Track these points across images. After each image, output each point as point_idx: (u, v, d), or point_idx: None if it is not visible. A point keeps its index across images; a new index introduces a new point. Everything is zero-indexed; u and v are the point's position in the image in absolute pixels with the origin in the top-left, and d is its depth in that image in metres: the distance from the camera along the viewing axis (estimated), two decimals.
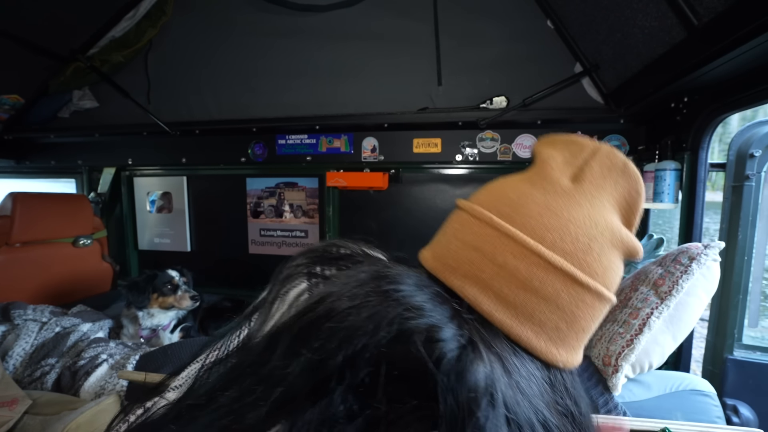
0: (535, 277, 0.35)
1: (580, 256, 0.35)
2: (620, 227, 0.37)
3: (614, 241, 0.36)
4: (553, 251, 0.35)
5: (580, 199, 0.37)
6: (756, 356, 1.20)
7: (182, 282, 1.62)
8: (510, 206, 0.38)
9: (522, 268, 0.35)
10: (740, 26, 0.77)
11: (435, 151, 1.73)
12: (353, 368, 0.31)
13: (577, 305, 0.35)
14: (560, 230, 0.35)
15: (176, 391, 0.42)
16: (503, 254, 0.35)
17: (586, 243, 0.35)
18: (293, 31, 1.67)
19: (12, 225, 1.71)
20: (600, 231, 0.36)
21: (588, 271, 0.35)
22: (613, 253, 0.37)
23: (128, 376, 0.87)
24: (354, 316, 0.33)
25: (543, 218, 0.36)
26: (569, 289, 0.35)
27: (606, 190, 0.38)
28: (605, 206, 0.38)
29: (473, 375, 0.30)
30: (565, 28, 1.42)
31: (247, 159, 1.95)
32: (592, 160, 0.40)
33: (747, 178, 1.18)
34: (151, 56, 1.84)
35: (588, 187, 0.38)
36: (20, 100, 1.85)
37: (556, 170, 0.40)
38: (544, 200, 0.37)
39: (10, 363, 1.29)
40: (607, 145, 0.41)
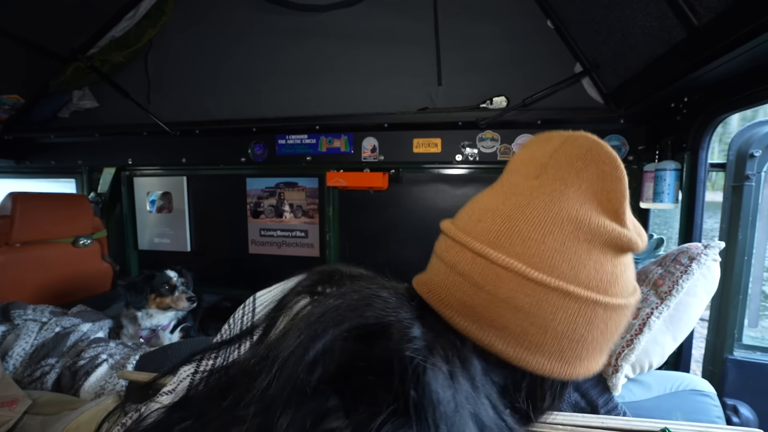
0: (487, 281, 0.34)
1: (534, 253, 0.33)
2: (590, 219, 0.34)
3: (581, 235, 0.34)
4: (502, 252, 0.34)
5: (538, 194, 0.36)
6: (756, 356, 1.20)
7: (180, 283, 1.61)
8: (470, 215, 0.38)
9: (475, 274, 0.35)
10: (740, 26, 0.77)
11: (435, 151, 1.73)
12: (331, 359, 0.31)
13: (540, 305, 0.33)
14: (510, 231, 0.35)
15: (170, 395, 0.42)
16: (461, 263, 0.36)
17: (540, 239, 0.33)
18: (293, 30, 1.67)
19: (12, 225, 1.71)
20: (558, 224, 0.34)
21: (543, 267, 0.33)
22: (581, 248, 0.34)
23: (128, 376, 0.87)
24: (334, 311, 0.34)
25: (495, 224, 0.36)
26: (524, 288, 0.33)
27: (570, 180, 0.36)
28: (569, 197, 0.35)
29: (434, 384, 0.30)
30: (565, 28, 1.42)
31: (247, 159, 1.95)
32: (556, 152, 0.37)
33: (747, 178, 1.18)
34: (151, 56, 1.84)
35: (549, 182, 0.36)
36: (20, 100, 1.85)
37: (518, 173, 0.39)
38: (501, 206, 0.37)
39: (10, 363, 1.29)
40: (576, 133, 0.38)
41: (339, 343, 0.32)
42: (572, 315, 0.33)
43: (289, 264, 2.07)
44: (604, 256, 0.34)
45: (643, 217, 1.60)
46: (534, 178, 0.37)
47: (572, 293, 0.33)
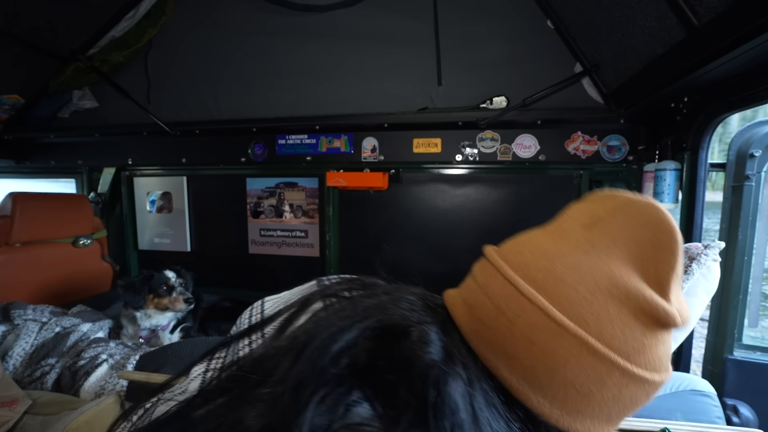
0: (510, 309, 0.35)
1: (563, 296, 0.33)
2: (629, 281, 0.33)
3: (615, 293, 0.33)
4: (532, 285, 0.34)
5: (586, 246, 0.35)
6: (756, 356, 1.20)
7: (178, 283, 1.61)
8: (513, 246, 0.39)
9: (501, 299, 0.36)
10: (740, 26, 0.77)
11: (435, 151, 1.73)
12: (354, 354, 0.32)
13: (555, 348, 0.33)
14: (546, 269, 0.35)
15: (182, 395, 0.42)
16: (491, 286, 0.37)
17: (573, 285, 0.33)
18: (293, 31, 1.67)
19: (12, 225, 1.71)
20: (596, 278, 0.33)
21: (568, 312, 0.33)
22: (612, 305, 0.33)
23: (128, 376, 0.87)
24: (363, 307, 0.36)
25: (535, 258, 0.36)
26: (544, 325, 0.33)
27: (621, 240, 0.35)
28: (614, 255, 0.35)
29: (454, 391, 0.31)
30: (565, 28, 1.42)
31: (247, 159, 1.95)
32: (618, 210, 0.37)
33: (747, 178, 1.18)
34: (151, 56, 1.84)
35: (599, 234, 0.36)
36: (20, 100, 1.85)
37: (572, 219, 0.39)
38: (545, 245, 0.37)
39: (10, 363, 1.29)
40: (642, 198, 0.38)
41: (362, 339, 0.33)
42: (585, 367, 0.33)
43: (289, 264, 2.07)
44: (636, 322, 0.33)
45: None
46: (586, 229, 0.37)
47: (590, 345, 0.32)
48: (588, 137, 1.59)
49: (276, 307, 0.48)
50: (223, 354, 0.45)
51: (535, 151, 1.64)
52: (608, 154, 1.58)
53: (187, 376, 0.45)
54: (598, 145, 1.59)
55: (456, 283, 0.44)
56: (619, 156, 1.57)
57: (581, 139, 1.60)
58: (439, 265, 1.83)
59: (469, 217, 1.81)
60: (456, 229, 1.82)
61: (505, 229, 1.72)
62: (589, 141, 1.59)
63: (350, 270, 1.90)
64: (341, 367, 0.31)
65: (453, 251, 1.82)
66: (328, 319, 0.36)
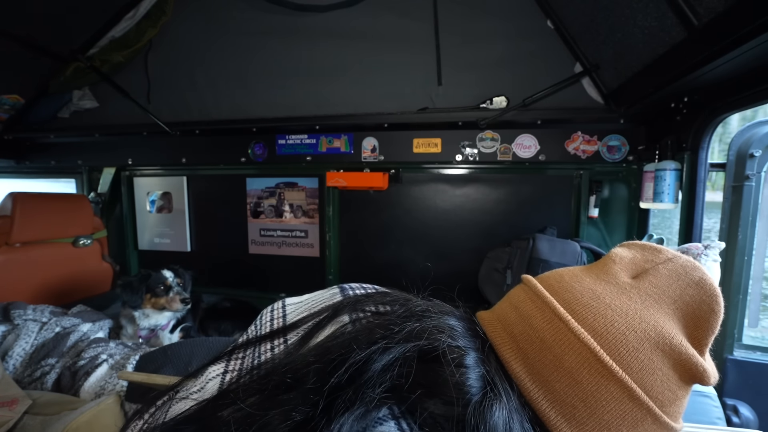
0: (558, 345, 0.35)
1: (612, 340, 0.34)
2: (674, 335, 0.35)
3: (661, 345, 0.34)
4: (582, 325, 0.35)
5: (633, 294, 0.37)
6: (756, 356, 1.20)
7: (176, 283, 1.60)
8: (558, 281, 0.40)
9: (548, 333, 0.36)
10: (740, 26, 0.77)
11: (435, 151, 1.73)
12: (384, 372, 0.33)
13: (599, 389, 0.34)
14: (596, 310, 0.36)
15: (198, 393, 0.42)
16: (537, 318, 0.38)
17: (623, 331, 0.34)
18: (293, 31, 1.67)
19: (12, 225, 1.71)
20: (644, 327, 0.35)
21: (616, 357, 0.34)
22: (656, 356, 0.34)
23: (128, 377, 0.87)
24: (408, 329, 0.36)
25: (583, 297, 0.37)
26: (591, 366, 0.34)
27: (668, 295, 0.37)
28: (661, 309, 0.36)
29: (493, 416, 0.32)
30: (565, 28, 1.42)
31: (247, 159, 1.95)
32: (663, 264, 0.39)
33: (747, 178, 1.18)
34: (151, 56, 1.84)
35: (646, 286, 0.37)
36: (20, 100, 1.85)
37: (618, 265, 0.40)
38: (592, 285, 0.38)
39: (10, 363, 1.29)
40: (687, 258, 0.39)
41: (403, 360, 0.34)
42: (624, 411, 0.34)
43: (289, 264, 2.07)
44: (675, 375, 0.35)
45: (643, 217, 1.60)
46: (632, 277, 0.38)
47: (633, 392, 0.33)
48: (588, 137, 1.59)
49: (299, 313, 0.48)
50: (242, 355, 0.45)
51: (535, 151, 1.64)
52: (608, 154, 1.58)
53: (198, 376, 0.45)
54: (598, 145, 1.59)
55: (456, 283, 0.44)
56: (619, 156, 1.57)
57: (581, 139, 1.60)
58: (440, 265, 1.83)
59: (469, 217, 1.81)
60: (456, 229, 1.82)
61: (505, 230, 1.73)
62: (589, 141, 1.59)
63: (350, 270, 1.91)
64: (379, 386, 0.32)
65: (453, 251, 1.82)
66: (367, 335, 0.36)
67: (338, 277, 2.01)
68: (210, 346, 1.18)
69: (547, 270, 1.36)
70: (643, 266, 0.39)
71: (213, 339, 1.23)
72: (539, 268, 1.35)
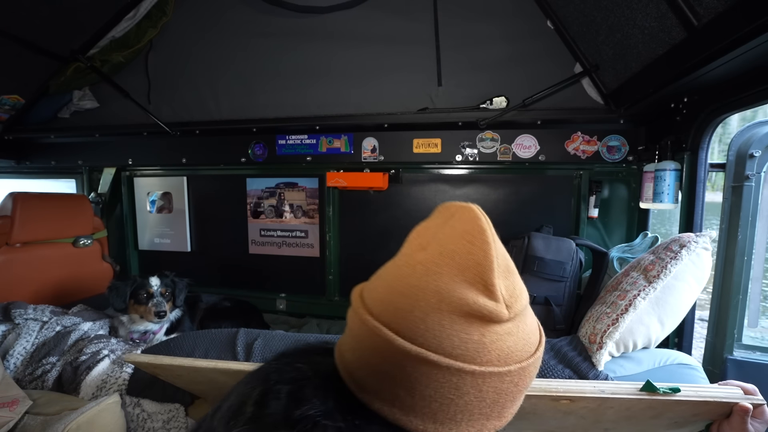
0: (365, 345, 0.38)
1: (401, 322, 0.36)
2: (455, 291, 0.36)
3: (443, 306, 0.36)
4: (377, 319, 0.38)
5: (419, 267, 0.38)
6: (756, 356, 1.20)
7: (159, 293, 1.53)
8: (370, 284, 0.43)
9: (361, 338, 0.39)
10: (740, 26, 0.77)
11: (435, 151, 1.73)
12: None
13: (404, 370, 0.36)
14: (387, 301, 0.38)
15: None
16: (353, 325, 0.41)
17: (408, 309, 0.37)
18: (294, 32, 1.67)
19: (12, 225, 1.71)
20: (424, 297, 0.36)
21: (410, 337, 0.36)
22: (444, 318, 0.36)
23: (134, 359, 0.87)
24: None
25: (378, 292, 0.40)
26: (392, 355, 0.36)
27: (448, 254, 0.38)
28: (442, 271, 0.37)
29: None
30: (565, 28, 1.42)
31: (247, 159, 1.95)
32: (445, 224, 0.40)
33: (747, 179, 1.18)
34: (151, 56, 1.84)
35: (430, 255, 0.39)
36: (20, 100, 1.85)
37: (413, 242, 0.42)
38: (387, 273, 0.41)
39: (11, 362, 1.29)
40: (465, 206, 0.41)
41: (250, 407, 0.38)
42: (437, 380, 0.36)
43: (289, 264, 2.07)
44: (470, 327, 0.36)
45: (643, 217, 1.60)
46: (421, 250, 0.40)
47: (433, 361, 0.35)
48: (588, 137, 1.59)
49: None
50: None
51: (535, 151, 1.64)
52: (608, 155, 1.58)
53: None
54: (597, 146, 1.59)
55: None
56: (619, 156, 1.57)
57: (581, 139, 1.60)
58: None
59: None
60: None
61: (505, 230, 1.73)
62: (588, 141, 1.59)
63: (350, 270, 1.91)
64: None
65: None
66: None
67: (338, 277, 2.01)
68: (212, 338, 1.18)
69: (542, 267, 1.36)
70: (433, 232, 0.41)
71: (215, 331, 1.22)
72: (534, 265, 1.36)
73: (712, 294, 1.25)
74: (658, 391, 0.62)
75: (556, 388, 0.63)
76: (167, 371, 0.89)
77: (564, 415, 0.69)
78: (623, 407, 0.65)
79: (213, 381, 0.88)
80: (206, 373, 0.83)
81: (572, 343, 1.07)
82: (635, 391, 0.63)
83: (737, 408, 0.61)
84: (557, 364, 1.02)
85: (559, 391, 0.63)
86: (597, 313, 1.07)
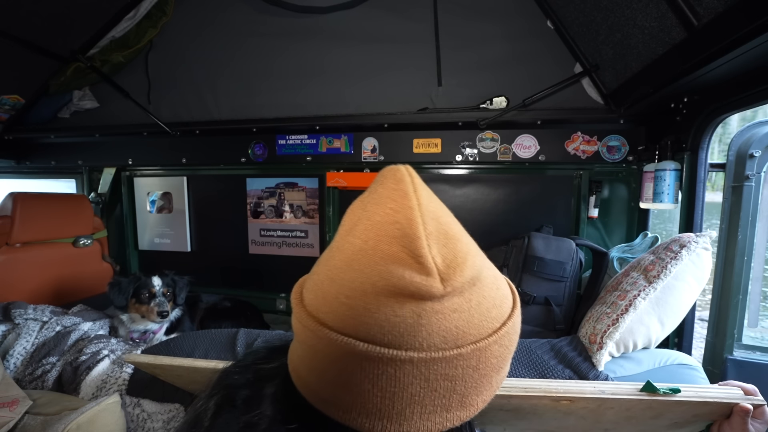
0: (302, 341, 0.35)
1: (329, 310, 0.33)
2: (379, 269, 0.31)
3: (368, 290, 0.31)
4: (306, 310, 0.35)
5: (344, 250, 0.35)
6: (756, 356, 1.20)
7: (161, 293, 1.54)
8: (309, 277, 0.40)
9: (298, 335, 0.37)
10: (740, 26, 0.77)
11: (435, 151, 1.73)
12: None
13: (335, 363, 0.32)
14: (316, 289, 0.36)
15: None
16: (295, 323, 0.38)
17: (334, 295, 0.33)
18: (294, 32, 1.67)
19: (12, 225, 1.71)
20: (349, 280, 0.32)
21: (338, 327, 0.32)
22: (369, 301, 0.31)
23: (134, 359, 0.87)
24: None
25: (312, 282, 0.37)
26: (323, 348, 0.32)
27: (372, 231, 0.33)
28: (367, 247, 0.33)
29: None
30: (565, 28, 1.42)
31: (247, 159, 1.95)
32: (371, 206, 0.35)
33: (747, 179, 1.18)
34: (151, 56, 1.84)
35: (354, 237, 0.34)
36: (20, 100, 1.85)
37: (345, 225, 0.37)
38: (321, 261, 0.38)
39: (11, 362, 1.29)
40: (388, 169, 0.36)
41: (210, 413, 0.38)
42: (372, 373, 0.31)
43: (289, 264, 2.07)
44: (401, 307, 0.30)
45: (643, 217, 1.60)
46: (348, 233, 0.35)
47: (362, 351, 0.30)
48: (588, 137, 1.59)
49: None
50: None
51: (535, 151, 1.64)
52: (608, 155, 1.58)
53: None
54: (597, 146, 1.59)
55: None
56: (619, 156, 1.57)
57: (581, 139, 1.60)
58: None
59: (468, 218, 1.81)
60: None
61: (505, 230, 1.73)
62: (588, 141, 1.59)
63: None
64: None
65: None
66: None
67: None
68: (213, 338, 1.18)
69: (542, 267, 1.36)
70: (363, 205, 0.36)
71: (215, 331, 1.23)
72: (534, 265, 1.36)
73: (712, 294, 1.25)
74: (659, 391, 0.62)
75: (556, 388, 0.63)
76: (167, 371, 0.89)
77: (564, 415, 0.69)
78: (623, 408, 0.65)
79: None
80: (206, 374, 0.83)
81: (572, 343, 1.07)
82: (635, 392, 0.63)
83: (737, 409, 0.60)
84: (557, 364, 1.02)
85: (559, 391, 0.63)
86: (597, 313, 1.07)
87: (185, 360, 0.83)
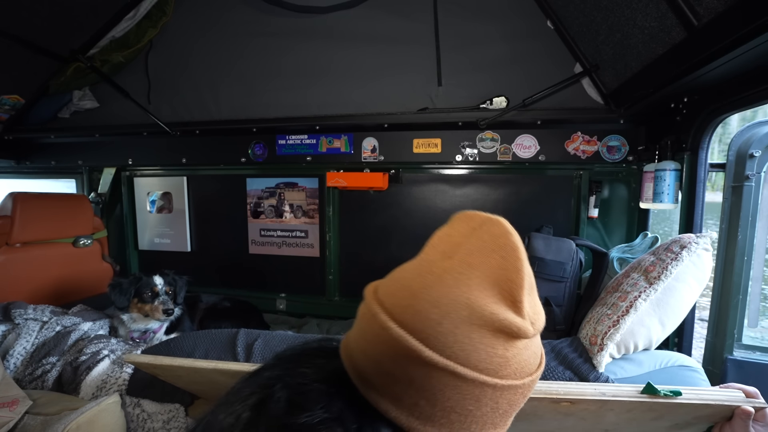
0: (385, 353, 0.37)
1: (430, 333, 0.36)
2: (485, 306, 0.36)
3: (475, 320, 0.36)
4: (402, 328, 0.36)
5: (446, 276, 0.38)
6: (756, 356, 1.20)
7: (164, 291, 1.55)
8: (387, 286, 0.41)
9: (379, 345, 0.38)
10: (740, 26, 0.77)
11: (435, 151, 1.73)
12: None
13: (429, 381, 0.36)
14: (413, 309, 0.37)
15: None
16: (369, 333, 0.39)
17: (437, 320, 0.36)
18: (293, 32, 1.67)
19: (12, 225, 1.71)
20: (455, 309, 0.36)
21: (437, 348, 0.35)
22: (474, 332, 0.36)
23: (134, 359, 0.87)
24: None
25: (404, 299, 0.38)
26: (417, 364, 0.35)
27: (476, 266, 0.38)
28: (471, 283, 0.37)
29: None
30: (565, 28, 1.42)
31: (247, 159, 1.95)
32: (471, 235, 0.40)
33: (747, 179, 1.18)
34: (151, 56, 1.84)
35: (456, 263, 0.38)
36: (20, 100, 1.85)
37: (435, 249, 0.41)
38: (410, 280, 0.39)
39: (11, 362, 1.29)
40: (493, 218, 0.41)
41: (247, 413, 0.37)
42: (460, 392, 0.36)
43: (289, 264, 2.07)
44: (496, 341, 0.36)
45: (643, 218, 1.60)
46: (447, 258, 0.39)
47: (460, 374, 0.35)
48: (588, 137, 1.59)
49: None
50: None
51: (535, 151, 1.64)
52: (608, 155, 1.58)
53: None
54: (597, 146, 1.59)
55: None
56: (619, 156, 1.57)
57: (581, 139, 1.60)
58: None
59: None
60: None
61: None
62: (588, 141, 1.59)
63: (350, 270, 1.92)
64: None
65: None
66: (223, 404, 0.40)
67: (338, 277, 2.01)
68: (213, 338, 1.18)
69: (542, 267, 1.36)
70: (457, 241, 0.40)
71: (215, 331, 1.22)
72: (535, 265, 1.35)
73: (712, 294, 1.25)
74: (659, 393, 0.62)
75: (556, 390, 0.63)
76: (167, 371, 0.89)
77: (565, 417, 0.69)
78: (624, 409, 0.65)
79: (213, 381, 0.88)
80: (206, 374, 0.83)
81: (573, 344, 1.07)
82: (636, 394, 0.63)
83: (739, 411, 0.60)
84: (558, 365, 1.02)
85: (560, 393, 0.63)
86: (598, 314, 1.07)
87: (185, 360, 0.83)
